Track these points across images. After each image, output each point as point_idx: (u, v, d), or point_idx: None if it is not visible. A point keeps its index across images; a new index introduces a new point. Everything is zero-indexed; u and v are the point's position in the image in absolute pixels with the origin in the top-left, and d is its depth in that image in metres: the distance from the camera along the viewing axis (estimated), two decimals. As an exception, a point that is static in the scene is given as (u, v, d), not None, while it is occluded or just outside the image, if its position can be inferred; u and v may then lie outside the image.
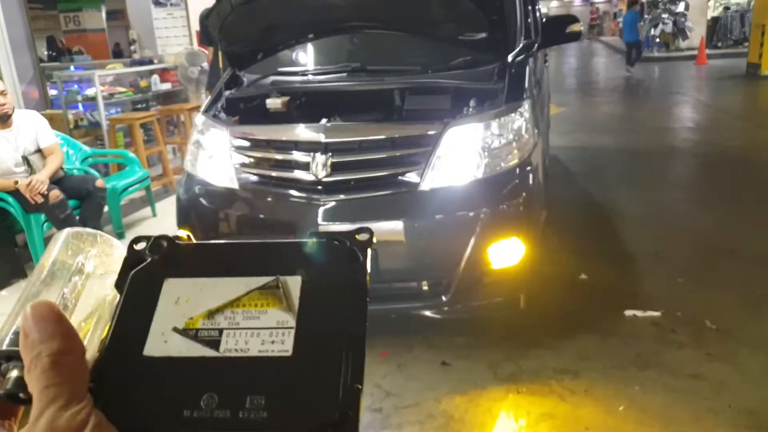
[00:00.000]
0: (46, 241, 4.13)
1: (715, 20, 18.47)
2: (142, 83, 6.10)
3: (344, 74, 3.20)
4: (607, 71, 16.31)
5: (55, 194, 3.70)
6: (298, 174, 2.76)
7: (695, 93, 11.10)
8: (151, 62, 6.32)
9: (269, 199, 2.82)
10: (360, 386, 0.32)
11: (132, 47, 6.93)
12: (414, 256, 2.68)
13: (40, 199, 3.66)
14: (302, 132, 2.84)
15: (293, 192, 2.76)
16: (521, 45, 3.12)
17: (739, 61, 13.48)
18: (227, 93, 3.30)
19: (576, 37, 3.59)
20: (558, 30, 3.62)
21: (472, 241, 2.59)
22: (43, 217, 3.79)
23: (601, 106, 10.13)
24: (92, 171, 4.38)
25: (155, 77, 6.18)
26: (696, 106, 9.73)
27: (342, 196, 2.71)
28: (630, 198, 5.05)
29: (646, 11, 19.39)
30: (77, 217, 3.91)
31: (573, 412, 2.41)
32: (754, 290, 3.29)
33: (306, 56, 3.60)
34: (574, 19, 3.57)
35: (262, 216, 2.82)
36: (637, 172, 5.92)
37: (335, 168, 2.70)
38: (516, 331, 2.91)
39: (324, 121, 2.85)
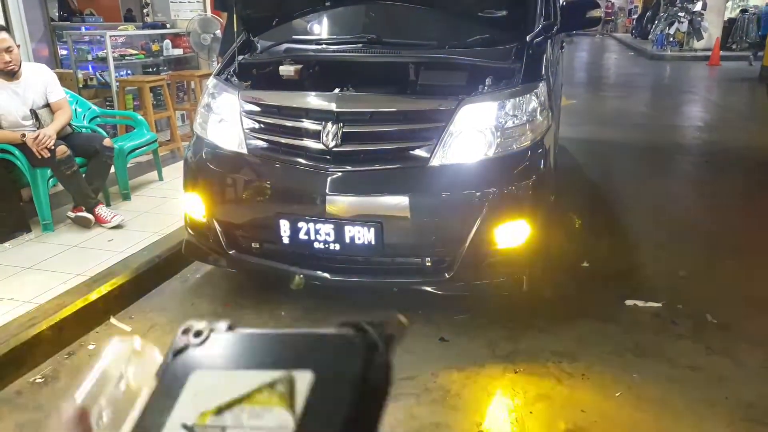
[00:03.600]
0: (52, 196, 4.13)
1: (731, 22, 18.29)
2: (154, 47, 6.05)
3: (359, 45, 3.17)
4: (618, 67, 16.19)
5: (62, 150, 3.67)
6: (308, 142, 2.74)
7: (706, 93, 11.03)
8: (163, 26, 6.27)
9: (277, 165, 2.81)
10: None
11: (144, 11, 6.87)
12: (419, 232, 2.68)
13: (46, 154, 3.64)
14: (314, 100, 2.82)
15: (302, 160, 2.75)
16: (540, 26, 3.09)
17: (755, 64, 13.38)
18: (240, 58, 3.27)
19: (596, 22, 3.54)
20: (578, 15, 3.57)
21: (478, 221, 2.59)
22: (49, 172, 3.77)
23: (611, 101, 10.07)
24: (100, 130, 4.36)
25: (167, 42, 6.12)
26: (706, 106, 9.67)
27: (351, 167, 2.70)
28: (636, 191, 5.04)
29: (662, 9, 19.22)
30: (83, 175, 3.89)
31: (570, 395, 2.41)
32: (755, 288, 3.29)
33: (321, 25, 3.56)
34: (594, 5, 3.52)
35: (269, 183, 2.81)
36: (644, 167, 5.91)
37: (346, 138, 2.68)
38: (516, 312, 2.91)
39: (337, 90, 2.83)
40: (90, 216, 3.81)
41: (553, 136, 3.10)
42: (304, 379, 0.33)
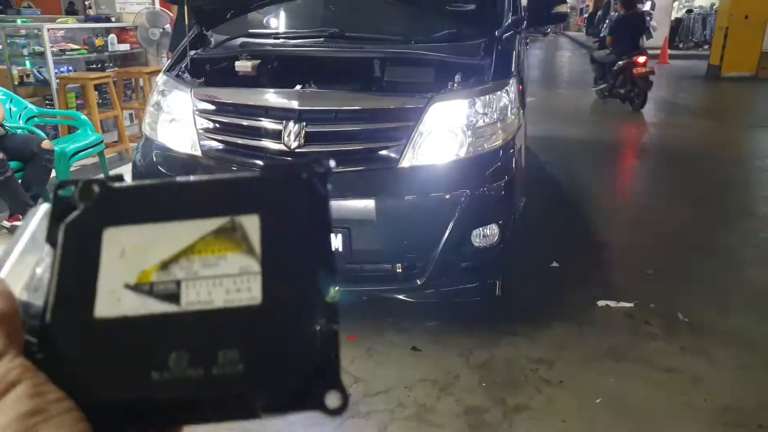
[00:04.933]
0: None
1: (678, 21, 18.84)
2: (98, 42, 5.70)
3: (321, 39, 3.00)
4: (573, 65, 16.43)
5: (-5, 154, 3.38)
6: (268, 143, 2.56)
7: (657, 90, 11.25)
8: (108, 20, 5.92)
9: (234, 168, 2.62)
10: (337, 326, 0.30)
11: (87, 2, 6.48)
12: (389, 237, 2.53)
13: (-24, 158, 3.34)
14: (274, 98, 2.64)
15: (261, 162, 2.56)
16: (509, 21, 2.98)
17: (700, 62, 13.77)
18: (192, 53, 3.06)
19: (562, 18, 3.48)
20: (544, 10, 3.50)
21: (451, 224, 2.47)
22: (-20, 177, 3.46)
23: (567, 99, 10.18)
24: (38, 131, 4.04)
25: (112, 36, 5.78)
26: (659, 104, 9.86)
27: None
28: (597, 188, 5.04)
29: (612, 8, 19.62)
30: (19, 181, 3.59)
31: (549, 404, 2.32)
32: (720, 285, 3.29)
33: (280, 18, 3.37)
34: (560, 0, 3.45)
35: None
36: (603, 163, 5.94)
37: (309, 138, 2.51)
38: (489, 317, 2.81)
39: (298, 87, 2.66)
40: (28, 225, 3.51)
41: (523, 134, 3.01)
42: (252, 223, 0.32)
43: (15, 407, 0.26)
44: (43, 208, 0.36)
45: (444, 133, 2.54)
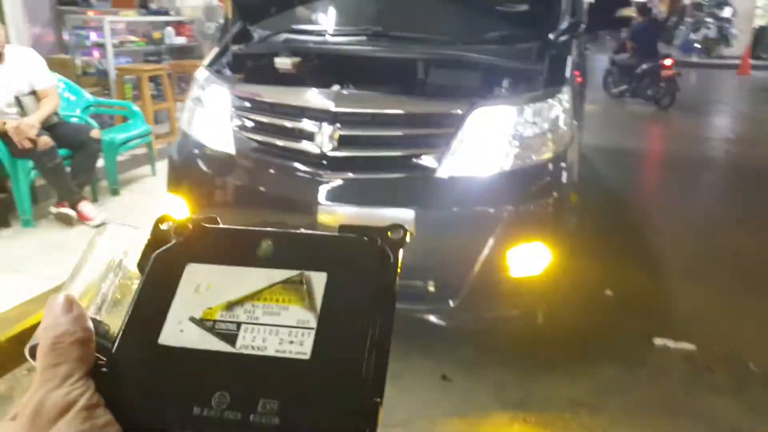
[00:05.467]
0: (38, 188, 3.86)
1: (762, 30, 17.62)
2: (156, 35, 5.76)
3: (364, 38, 2.84)
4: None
5: (45, 141, 3.40)
6: (302, 145, 2.43)
7: (737, 104, 10.54)
8: (166, 13, 5.98)
9: (267, 169, 2.51)
10: (380, 400, 0.30)
11: (151, -4, 6.60)
12: (422, 251, 2.33)
13: (28, 144, 3.36)
14: (310, 97, 2.50)
15: (294, 164, 2.43)
16: (566, 24, 2.73)
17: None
18: (234, 47, 2.96)
19: (626, 22, 3.19)
20: (607, 13, 3.22)
21: (490, 242, 2.25)
22: (30, 163, 3.49)
23: (635, 108, 9.62)
24: (91, 121, 4.08)
25: (169, 29, 5.84)
26: (738, 118, 9.21)
27: (348, 174, 2.38)
28: (665, 209, 4.64)
29: (688, 14, 18.64)
30: (68, 168, 3.61)
31: (588, 456, 2.07)
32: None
33: (324, 14, 3.23)
34: (624, 3, 3.17)
35: (258, 188, 2.50)
36: (673, 181, 5.50)
37: (343, 142, 2.36)
38: (529, 348, 2.57)
39: (336, 87, 2.50)
40: (72, 212, 3.54)
41: (578, 148, 2.75)
42: (319, 280, 0.33)
43: (67, 428, 0.28)
44: (109, 231, 0.39)
45: (487, 142, 2.33)
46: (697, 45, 16.76)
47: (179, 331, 0.32)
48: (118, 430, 0.29)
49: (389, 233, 0.35)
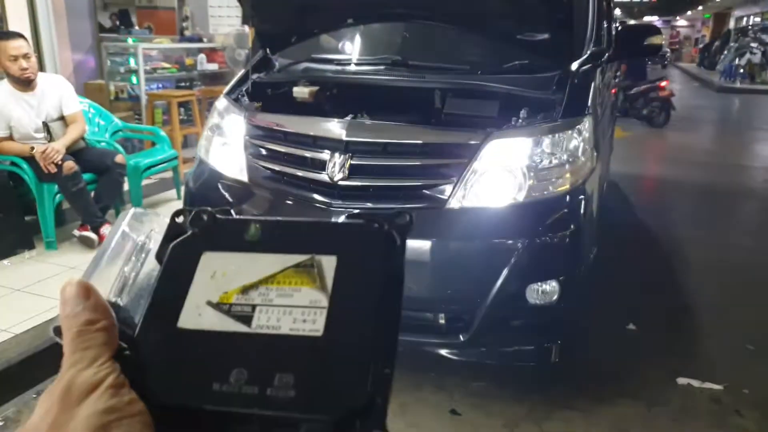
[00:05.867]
0: (64, 211, 3.96)
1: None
2: (188, 61, 5.91)
3: (382, 67, 2.84)
4: (681, 99, 15.33)
5: (69, 165, 3.48)
6: (312, 173, 2.42)
7: (780, 131, 10.20)
8: (200, 40, 6.13)
9: (279, 197, 2.51)
10: (390, 371, 0.32)
11: (184, 23, 6.78)
12: (432, 283, 2.29)
13: (53, 169, 3.45)
14: (323, 126, 2.50)
15: (306, 193, 2.43)
16: (589, 53, 2.68)
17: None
18: (254, 76, 3.00)
19: (656, 51, 3.11)
20: (635, 41, 3.14)
21: (503, 275, 2.19)
22: (55, 187, 3.59)
23: (671, 135, 9.40)
24: (116, 146, 4.17)
25: (202, 56, 5.98)
26: (780, 145, 8.91)
27: (359, 204, 2.35)
28: (696, 241, 4.47)
29: (733, 38, 18.26)
30: (92, 192, 3.69)
31: (601, 502, 1.97)
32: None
33: (343, 43, 3.25)
34: (654, 30, 3.10)
35: (267, 216, 2.49)
36: (707, 213, 5.31)
37: (354, 171, 2.34)
38: (543, 385, 2.48)
39: (349, 117, 2.50)
40: (94, 236, 3.60)
41: (599, 179, 2.67)
42: (330, 263, 0.35)
43: (95, 404, 0.30)
44: (132, 216, 0.41)
45: (501, 173, 2.28)
46: (741, 70, 16.38)
47: (197, 315, 0.34)
48: (142, 407, 0.31)
49: (395, 219, 0.37)
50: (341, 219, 0.38)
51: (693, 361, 2.76)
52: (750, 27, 16.83)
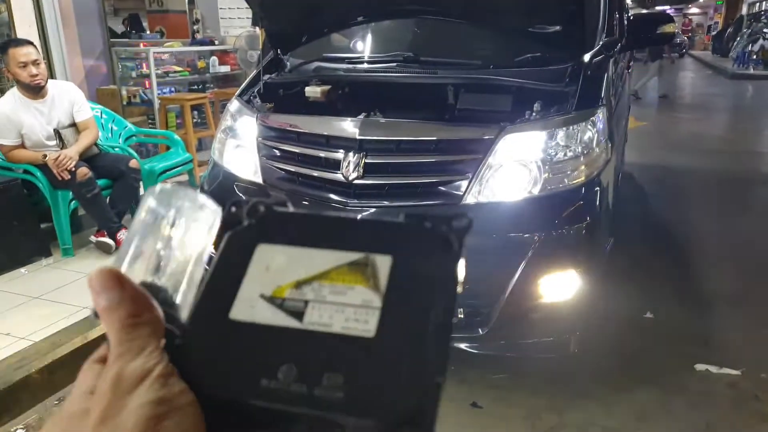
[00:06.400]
0: (72, 219, 4.01)
1: None
2: (200, 64, 5.96)
3: (394, 64, 2.85)
4: (694, 87, 15.19)
5: (83, 172, 3.53)
6: (327, 173, 2.44)
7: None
8: (211, 43, 6.18)
9: (295, 198, 2.52)
10: (441, 381, 0.31)
11: (195, 26, 6.82)
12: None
13: (67, 176, 3.49)
14: (336, 126, 2.52)
15: (320, 194, 2.45)
16: (601, 43, 2.67)
17: None
18: (266, 77, 3.03)
19: (668, 39, 3.09)
20: (647, 30, 3.13)
21: (520, 269, 2.20)
22: (70, 194, 3.63)
23: (686, 124, 9.32)
24: (130, 150, 4.21)
25: (214, 59, 6.03)
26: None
27: (374, 203, 2.37)
28: (711, 229, 4.45)
29: (745, 25, 18.02)
30: (107, 198, 3.74)
31: (623, 490, 1.98)
32: None
33: (355, 41, 3.27)
34: (667, 19, 3.08)
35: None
36: (722, 201, 5.27)
37: (369, 170, 2.36)
38: (562, 375, 2.49)
39: (362, 115, 2.52)
40: (111, 241, 3.64)
41: (614, 170, 2.67)
42: (384, 263, 0.34)
43: (146, 395, 0.30)
44: (160, 191, 0.39)
45: (516, 167, 2.29)
46: (754, 57, 16.17)
47: (250, 307, 0.34)
48: (193, 398, 0.31)
49: (454, 221, 0.36)
50: (399, 217, 0.37)
51: (710, 347, 2.76)
52: (763, 12, 16.61)
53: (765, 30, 15.99)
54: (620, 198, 3.17)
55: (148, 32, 7.67)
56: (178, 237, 0.38)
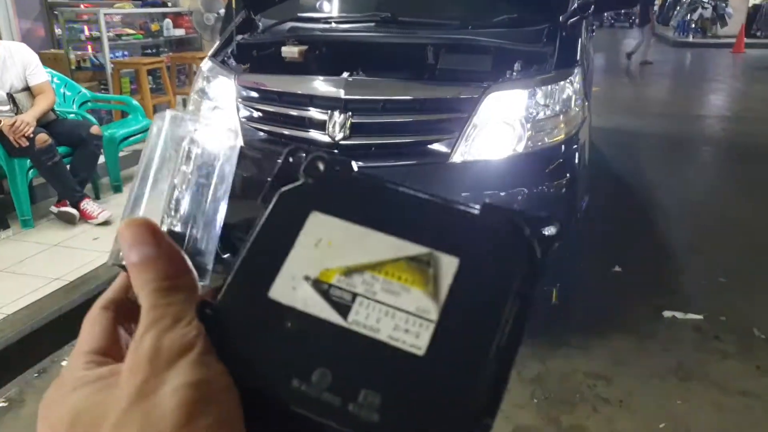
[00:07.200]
0: (36, 188, 3.84)
1: (756, 8, 17.64)
2: (154, 27, 5.72)
3: (372, 24, 2.84)
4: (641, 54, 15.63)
5: (42, 138, 3.36)
6: (312, 134, 2.43)
7: (733, 81, 10.58)
8: (164, 5, 5.93)
9: (277, 159, 2.50)
10: (491, 423, 0.26)
11: (145, -12, 6.52)
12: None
13: (24, 143, 3.31)
14: (319, 86, 2.50)
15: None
16: (575, 5, 2.74)
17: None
18: (239, 37, 2.95)
19: (634, 3, 3.19)
20: (614, -7, 3.22)
21: (505, 225, 2.27)
22: (28, 162, 3.45)
23: (634, 89, 9.65)
24: (89, 116, 4.04)
25: (168, 21, 5.80)
26: (733, 95, 9.24)
27: (360, 163, 2.38)
28: (666, 186, 4.68)
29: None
30: (68, 166, 3.59)
31: (607, 426, 2.11)
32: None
33: (330, 2, 3.22)
34: (632, -18, 3.17)
35: (268, 179, 2.50)
36: (673, 160, 5.54)
37: (354, 130, 2.37)
38: (544, 327, 2.59)
39: (345, 75, 2.51)
40: (74, 211, 3.50)
41: (588, 128, 2.77)
42: (449, 266, 0.29)
43: (189, 373, 0.26)
44: (170, 117, 0.35)
45: (500, 126, 2.35)
46: (693, 25, 16.77)
47: (291, 288, 0.29)
48: (231, 382, 0.27)
49: (541, 224, 0.30)
50: (474, 207, 0.31)
51: (674, 296, 2.94)
52: (702, -18, 17.22)
53: (703, 0, 16.56)
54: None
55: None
56: (196, 171, 0.34)
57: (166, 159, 0.34)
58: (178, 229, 0.33)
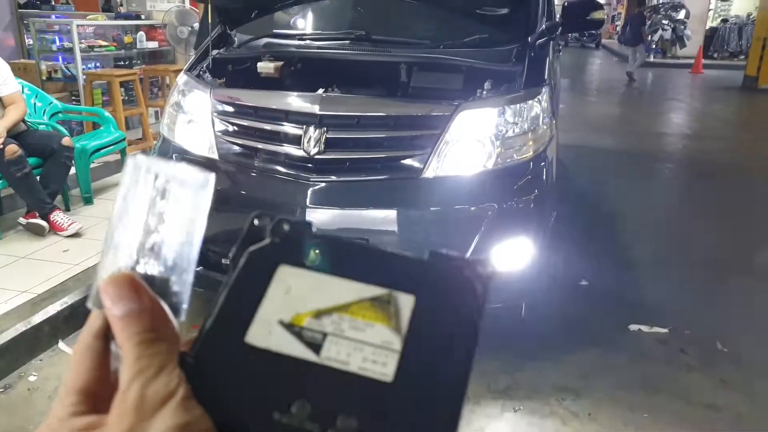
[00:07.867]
0: (2, 199, 3.77)
1: (713, 31, 18.37)
2: (127, 39, 5.68)
3: (346, 42, 2.89)
4: (603, 73, 16.12)
5: (12, 149, 3.32)
6: (287, 148, 2.45)
7: (691, 101, 10.96)
8: (138, 17, 5.90)
9: (252, 174, 2.52)
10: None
11: (119, 0, 6.49)
12: (410, 250, 2.40)
13: (-6, 154, 3.28)
14: (295, 101, 2.53)
15: (280, 168, 2.46)
16: (543, 26, 2.83)
17: (735, 73, 13.40)
18: (215, 52, 2.97)
19: (599, 25, 3.30)
20: (579, 16, 3.33)
21: (476, 239, 2.32)
22: (-4, 174, 3.41)
23: (599, 107, 9.92)
24: (60, 128, 4.00)
25: (141, 33, 5.77)
26: (693, 114, 9.58)
27: (334, 178, 2.42)
28: (629, 202, 4.83)
29: (648, 16, 19.19)
30: (38, 177, 3.54)
31: (575, 439, 2.17)
32: (761, 312, 3.09)
33: (305, 19, 3.27)
34: (597, 6, 3.28)
35: (242, 192, 2.52)
36: (636, 176, 5.71)
37: (329, 145, 2.40)
38: (514, 340, 2.65)
39: (321, 91, 2.55)
40: (44, 223, 3.45)
41: (555, 146, 2.85)
42: (407, 302, 0.33)
43: (172, 418, 0.28)
44: (140, 162, 0.35)
45: (471, 143, 2.41)
46: (653, 46, 17.32)
47: (267, 332, 0.32)
48: (210, 425, 0.29)
49: (480, 269, 0.34)
50: (425, 254, 0.35)
51: (640, 309, 3.03)
52: (661, 5, 17.79)
53: (663, 21, 17.12)
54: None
55: (54, 2, 7.19)
56: (170, 212, 0.35)
57: (139, 202, 0.35)
58: (153, 271, 0.34)
